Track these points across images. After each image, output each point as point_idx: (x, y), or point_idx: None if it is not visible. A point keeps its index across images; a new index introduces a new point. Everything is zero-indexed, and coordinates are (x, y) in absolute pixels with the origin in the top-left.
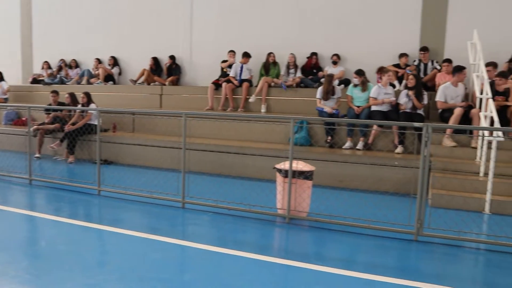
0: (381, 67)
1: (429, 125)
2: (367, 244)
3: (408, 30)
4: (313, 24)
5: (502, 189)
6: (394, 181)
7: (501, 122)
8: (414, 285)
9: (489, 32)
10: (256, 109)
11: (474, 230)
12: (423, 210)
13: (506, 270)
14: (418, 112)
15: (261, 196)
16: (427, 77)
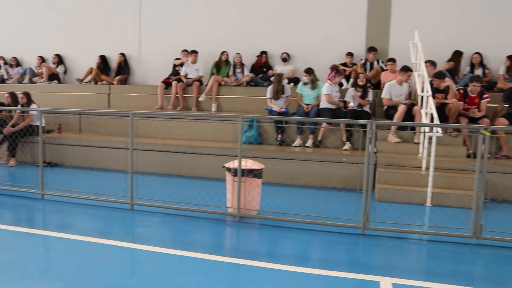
0: (336, 66)
1: (373, 122)
2: (317, 240)
3: (354, 30)
4: (263, 23)
5: (441, 182)
6: (342, 177)
7: (440, 119)
8: (363, 278)
9: (429, 33)
10: (207, 108)
11: (417, 222)
12: (368, 205)
13: (446, 258)
14: (365, 110)
15: (211, 195)
16: (370, 74)
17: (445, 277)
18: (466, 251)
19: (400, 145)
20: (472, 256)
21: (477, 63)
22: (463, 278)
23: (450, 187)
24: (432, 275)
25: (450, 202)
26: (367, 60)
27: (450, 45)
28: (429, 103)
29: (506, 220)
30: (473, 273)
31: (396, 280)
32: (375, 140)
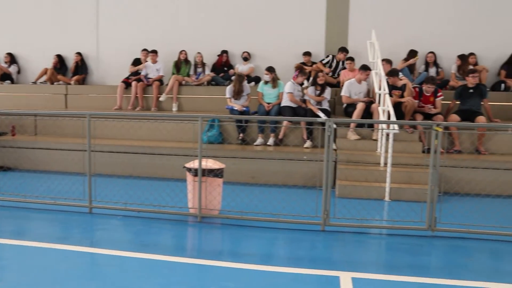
0: (300, 66)
1: (332, 120)
2: (279, 238)
3: (314, 29)
4: (224, 22)
5: (399, 177)
6: (303, 174)
7: (397, 116)
8: (324, 273)
9: (386, 32)
10: (168, 108)
11: (376, 217)
12: (328, 201)
13: (403, 251)
14: (325, 108)
15: (172, 196)
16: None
17: (403, 269)
18: (422, 243)
19: (359, 142)
20: (428, 248)
21: (431, 62)
22: (420, 270)
23: (407, 182)
24: (390, 268)
25: (407, 197)
26: (334, 58)
27: (406, 44)
28: (386, 101)
29: (458, 212)
30: (429, 264)
31: (356, 274)
32: (335, 138)
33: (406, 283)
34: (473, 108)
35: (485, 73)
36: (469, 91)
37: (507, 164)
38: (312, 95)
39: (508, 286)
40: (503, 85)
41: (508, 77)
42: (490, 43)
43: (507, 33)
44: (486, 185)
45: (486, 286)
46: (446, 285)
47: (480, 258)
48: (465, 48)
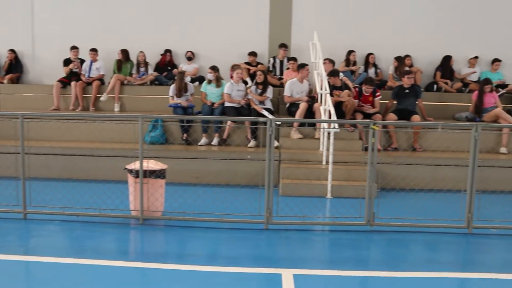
0: (235, 65)
1: (273, 119)
2: (222, 237)
3: (257, 30)
4: (167, 21)
5: (340, 174)
6: (247, 174)
7: (338, 115)
8: (266, 271)
9: (328, 33)
10: (110, 108)
11: (317, 214)
12: (271, 200)
13: (344, 247)
14: (268, 107)
15: (113, 199)
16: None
17: (343, 264)
18: (361, 238)
19: (302, 141)
20: (367, 242)
21: (372, 62)
22: (360, 263)
23: (348, 179)
24: (330, 263)
25: (347, 193)
26: (276, 57)
27: (347, 46)
28: (327, 100)
29: (395, 207)
30: (368, 258)
31: (297, 271)
32: (279, 137)
33: (346, 277)
34: (409, 108)
35: (420, 74)
36: (405, 91)
37: (438, 160)
38: (255, 95)
39: (443, 274)
40: (435, 85)
41: (441, 78)
42: (425, 45)
43: (440, 36)
44: (420, 180)
45: (423, 276)
46: (385, 277)
47: (416, 250)
48: (402, 50)
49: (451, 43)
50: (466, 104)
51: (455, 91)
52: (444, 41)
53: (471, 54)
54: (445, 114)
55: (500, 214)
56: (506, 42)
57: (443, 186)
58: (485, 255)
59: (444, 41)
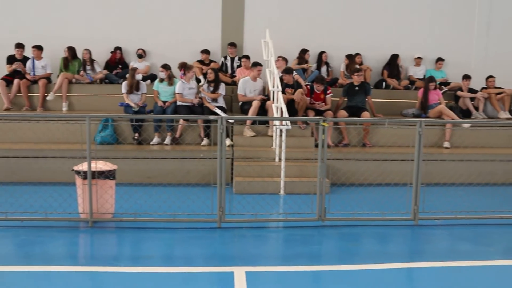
0: (183, 63)
1: (224, 117)
2: (175, 238)
3: (210, 27)
4: (117, 17)
5: (293, 171)
6: (200, 172)
7: (291, 112)
8: (219, 270)
9: (280, 31)
10: (58, 108)
11: (270, 211)
12: (223, 198)
13: (296, 242)
14: (220, 105)
15: (60, 202)
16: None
17: (295, 260)
18: (313, 233)
19: (255, 139)
20: (318, 237)
21: (324, 61)
22: (312, 258)
23: (300, 176)
24: (283, 259)
25: (300, 190)
26: (228, 56)
27: (299, 43)
28: (279, 98)
29: (346, 202)
30: (320, 252)
31: (250, 268)
32: (232, 135)
33: (298, 272)
34: (359, 105)
35: (369, 72)
36: (355, 88)
37: (386, 155)
38: (207, 93)
39: (392, 265)
40: (384, 83)
41: (389, 76)
42: (374, 44)
43: (388, 35)
44: (370, 175)
45: (373, 268)
46: (337, 271)
47: (366, 242)
48: (353, 48)
49: (398, 43)
50: (413, 101)
51: (402, 88)
52: (392, 40)
53: (417, 53)
54: (394, 111)
55: (443, 206)
56: (448, 43)
57: (391, 180)
58: (431, 245)
59: (392, 41)
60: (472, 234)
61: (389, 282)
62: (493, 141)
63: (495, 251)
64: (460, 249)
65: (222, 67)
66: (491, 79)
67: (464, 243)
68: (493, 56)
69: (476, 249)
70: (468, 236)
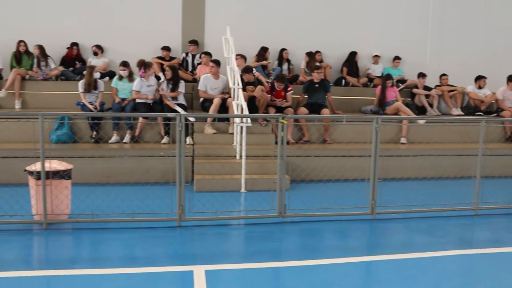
0: (142, 60)
1: (182, 115)
2: (133, 238)
3: (170, 24)
4: (73, 12)
5: (254, 168)
6: (160, 171)
7: (251, 109)
8: (178, 269)
9: (240, 28)
10: (10, 105)
11: (231, 208)
12: (183, 196)
13: (257, 239)
14: (181, 103)
15: (12, 204)
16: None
17: (256, 257)
18: (274, 230)
19: (216, 136)
20: (279, 234)
21: (286, 58)
22: (272, 255)
23: (261, 173)
24: (243, 256)
25: (261, 187)
26: (189, 53)
27: (259, 41)
28: (239, 95)
29: (306, 198)
30: (281, 248)
31: (209, 266)
32: (193, 132)
33: (258, 269)
34: (319, 102)
35: (329, 69)
36: (315, 85)
37: (345, 151)
38: (167, 91)
39: (351, 259)
40: (343, 80)
41: (348, 74)
42: (334, 42)
43: (347, 33)
44: (329, 171)
45: (333, 262)
46: (297, 266)
47: (326, 238)
48: (313, 46)
49: (357, 41)
50: (371, 98)
51: (361, 85)
52: (351, 38)
53: (375, 51)
54: (353, 107)
55: (399, 200)
56: (405, 42)
57: (350, 176)
58: (388, 238)
59: (351, 39)
60: (427, 226)
61: (349, 275)
62: (446, 136)
63: (448, 242)
64: (416, 241)
65: (183, 64)
66: (444, 77)
67: (419, 235)
68: (446, 56)
69: (430, 241)
70: (423, 228)
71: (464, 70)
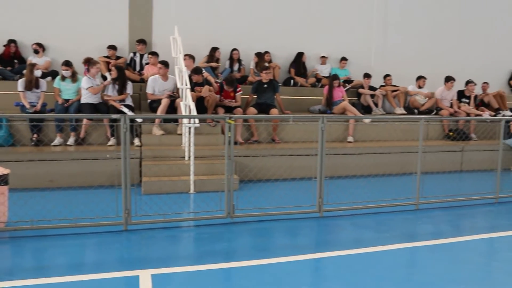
0: (88, 58)
1: (127, 116)
2: (77, 244)
3: (116, 22)
4: (11, 8)
5: (203, 169)
6: (107, 174)
7: (201, 110)
8: (123, 275)
9: (189, 28)
10: None
11: (179, 210)
12: (129, 199)
13: (205, 241)
14: (128, 103)
15: None
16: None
17: (204, 258)
18: (223, 230)
19: (165, 137)
20: (228, 235)
21: (236, 58)
22: (220, 256)
23: (210, 173)
24: (192, 259)
25: (210, 187)
26: (137, 53)
27: (209, 41)
28: (187, 96)
29: (255, 198)
30: (229, 250)
31: (156, 270)
32: (140, 134)
33: (208, 271)
34: (268, 102)
35: (278, 69)
36: (264, 86)
37: (294, 151)
38: (112, 95)
39: (302, 257)
40: (292, 81)
41: (296, 74)
42: (283, 42)
43: (296, 34)
44: (277, 170)
45: (283, 261)
46: (247, 267)
47: (275, 237)
48: (263, 46)
49: (306, 42)
50: (319, 98)
51: (309, 85)
52: (299, 39)
53: (322, 52)
54: (301, 107)
55: (346, 197)
56: (351, 43)
57: (298, 175)
58: (336, 235)
59: (300, 40)
60: (373, 222)
61: (298, 273)
62: (390, 135)
63: (392, 236)
64: (362, 237)
65: (130, 64)
66: (388, 78)
67: (366, 231)
68: (389, 57)
69: (376, 236)
70: (369, 224)
71: (406, 71)
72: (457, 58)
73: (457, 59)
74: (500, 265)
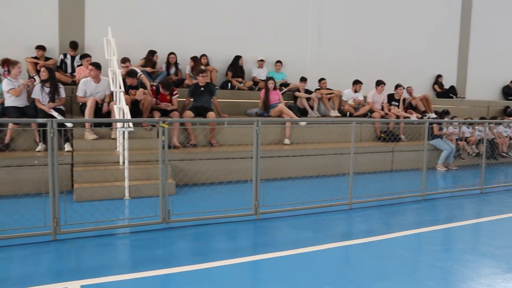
0: (6, 59)
1: (53, 120)
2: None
3: (45, 22)
4: None
5: (138, 174)
6: (34, 181)
7: (136, 113)
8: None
9: (124, 30)
10: None
11: (111, 217)
12: (57, 208)
13: (140, 248)
14: (59, 107)
15: None
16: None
17: (139, 266)
18: (158, 236)
19: (98, 142)
20: (163, 240)
21: (173, 62)
22: (157, 263)
23: (147, 178)
24: (125, 267)
25: (146, 193)
26: (68, 53)
27: (145, 43)
28: (121, 99)
29: (192, 202)
30: (166, 255)
31: (86, 281)
32: (72, 139)
33: (143, 278)
34: (205, 105)
35: (215, 73)
36: (201, 89)
37: (229, 154)
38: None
39: (240, 260)
40: (229, 84)
41: (233, 77)
42: (220, 46)
43: (233, 38)
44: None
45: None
46: (184, 272)
47: (212, 241)
48: (200, 50)
49: (243, 45)
50: (256, 101)
51: (246, 89)
52: (237, 43)
53: (259, 56)
54: (239, 110)
55: (283, 199)
56: (288, 47)
57: (234, 178)
58: (272, 237)
59: (237, 43)
60: (309, 223)
61: (236, 276)
62: (325, 137)
63: (327, 236)
64: (299, 238)
65: (61, 66)
66: (323, 81)
67: (302, 232)
68: (324, 62)
69: (312, 236)
70: (305, 225)
71: (341, 75)
72: (387, 65)
73: (387, 65)
74: (424, 259)
